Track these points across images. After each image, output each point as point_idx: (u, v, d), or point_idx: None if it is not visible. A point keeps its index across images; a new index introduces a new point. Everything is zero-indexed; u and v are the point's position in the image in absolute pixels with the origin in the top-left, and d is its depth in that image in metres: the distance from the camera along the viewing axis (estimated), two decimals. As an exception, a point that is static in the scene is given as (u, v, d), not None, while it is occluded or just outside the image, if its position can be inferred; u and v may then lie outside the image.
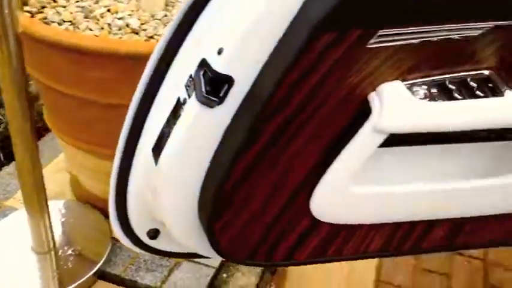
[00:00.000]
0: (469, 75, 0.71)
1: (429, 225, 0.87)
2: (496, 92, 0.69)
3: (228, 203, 0.73)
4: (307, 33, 0.60)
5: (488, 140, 0.80)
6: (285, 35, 0.63)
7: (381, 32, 0.62)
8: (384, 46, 0.65)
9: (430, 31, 0.66)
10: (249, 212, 0.76)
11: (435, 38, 0.68)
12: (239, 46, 0.63)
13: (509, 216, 0.88)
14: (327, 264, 0.89)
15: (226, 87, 0.66)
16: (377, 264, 1.50)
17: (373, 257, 0.90)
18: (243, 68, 0.65)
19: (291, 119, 0.69)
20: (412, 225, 0.86)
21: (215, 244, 0.75)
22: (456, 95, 0.69)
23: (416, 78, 0.71)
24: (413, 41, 0.67)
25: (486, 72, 0.71)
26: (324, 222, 0.81)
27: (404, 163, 0.82)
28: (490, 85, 0.70)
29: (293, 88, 0.65)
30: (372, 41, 0.63)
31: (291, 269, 1.43)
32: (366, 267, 1.47)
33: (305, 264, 0.88)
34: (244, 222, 0.76)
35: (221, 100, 0.67)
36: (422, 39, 0.67)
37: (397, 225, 0.86)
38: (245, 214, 0.76)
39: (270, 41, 0.63)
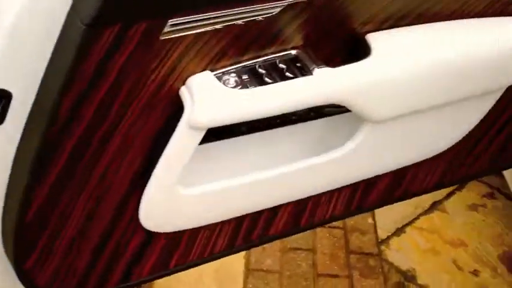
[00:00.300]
0: (277, 56, 0.69)
1: (273, 211, 0.86)
2: (305, 71, 0.69)
3: (36, 236, 0.63)
4: (83, 32, 0.52)
5: (309, 119, 0.80)
6: (61, 35, 0.54)
7: (171, 21, 0.57)
8: (181, 36, 0.60)
9: (226, 15, 0.62)
10: (66, 240, 0.66)
11: (239, 22, 0.64)
12: (5, 52, 0.53)
13: (347, 188, 0.90)
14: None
15: (2, 103, 0.56)
16: (245, 253, 1.49)
17: (221, 257, 0.86)
18: (18, 78, 0.55)
19: (93, 129, 0.60)
20: (255, 215, 0.84)
21: (29, 284, 0.65)
22: (267, 79, 0.67)
23: (226, 66, 0.67)
24: (215, 26, 0.62)
25: (293, 52, 0.70)
26: (159, 233, 0.75)
27: (234, 155, 0.79)
28: (299, 65, 0.69)
29: (85, 94, 0.57)
30: (166, 30, 0.57)
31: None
32: (235, 258, 1.46)
33: (148, 281, 0.81)
34: (63, 252, 0.67)
35: (1, 119, 0.57)
36: (224, 24, 0.63)
37: (240, 219, 0.83)
38: (62, 243, 0.67)
39: (43, 44, 0.54)
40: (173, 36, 0.59)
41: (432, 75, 0.74)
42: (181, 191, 0.70)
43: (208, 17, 0.60)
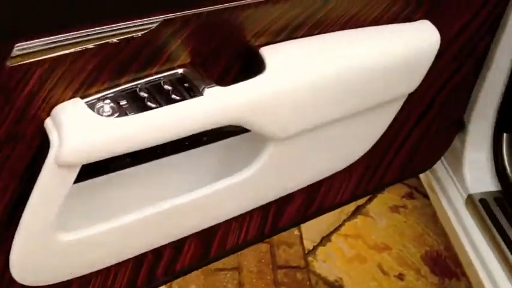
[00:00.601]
0: (162, 77, 0.62)
1: (177, 245, 0.78)
2: (193, 92, 0.62)
3: None
4: None
5: (206, 142, 0.74)
6: None
7: (19, 46, 0.48)
8: (37, 60, 0.51)
9: (94, 34, 0.54)
10: None
11: (113, 40, 0.57)
12: None
13: (259, 210, 0.84)
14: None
15: None
16: (167, 280, 1.40)
17: None
18: None
19: None
20: (158, 252, 0.76)
21: None
22: (150, 104, 0.59)
23: (100, 91, 0.59)
24: (86, 46, 0.54)
25: (180, 70, 0.63)
26: (41, 287, 0.65)
27: (123, 190, 0.70)
28: (187, 85, 0.62)
29: None
30: (14, 55, 0.48)
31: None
32: (156, 287, 1.36)
33: None
34: None
35: None
36: (95, 44, 0.55)
37: (139, 258, 0.74)
38: None
39: None
40: (26, 61, 0.50)
41: (330, 88, 0.70)
42: (58, 237, 0.61)
43: (66, 38, 0.51)
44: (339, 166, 0.86)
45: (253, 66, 0.67)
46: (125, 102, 0.59)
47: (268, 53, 0.66)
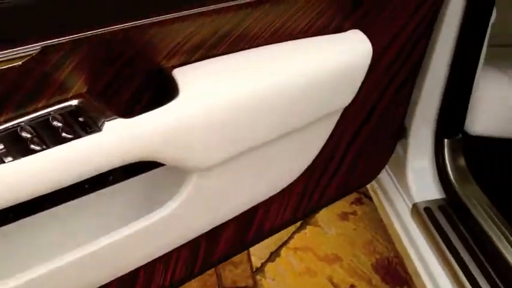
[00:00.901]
0: (51, 111, 0.52)
1: None
2: (90, 128, 0.52)
3: None
4: None
5: (113, 182, 0.64)
6: None
7: None
8: None
9: None
10: None
11: None
12: None
13: (187, 246, 0.76)
14: None
15: None
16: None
17: None
18: None
19: None
20: None
21: None
22: (33, 146, 0.50)
23: None
24: None
25: (74, 102, 0.54)
26: None
27: (15, 243, 0.60)
28: (82, 119, 0.53)
29: None
30: None
31: None
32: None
33: None
34: None
35: None
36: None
37: None
38: None
39: None
40: None
41: (254, 110, 0.62)
42: None
43: None
44: (274, 189, 0.78)
45: (166, 91, 0.59)
46: (2, 147, 0.49)
47: (181, 75, 0.58)
